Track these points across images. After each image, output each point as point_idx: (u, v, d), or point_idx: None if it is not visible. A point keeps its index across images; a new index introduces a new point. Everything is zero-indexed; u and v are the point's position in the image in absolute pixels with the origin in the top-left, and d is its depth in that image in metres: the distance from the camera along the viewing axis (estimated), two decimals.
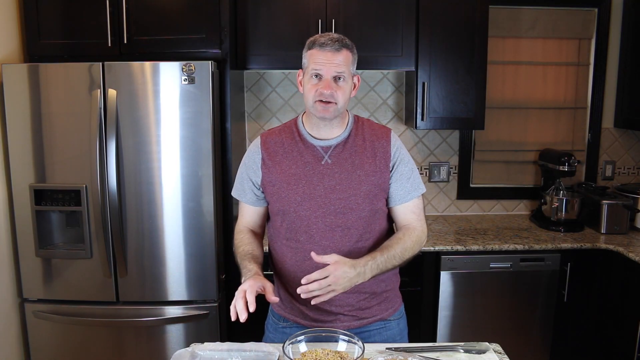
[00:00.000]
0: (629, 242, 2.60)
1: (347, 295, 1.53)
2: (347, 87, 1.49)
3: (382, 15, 2.61)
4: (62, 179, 2.30)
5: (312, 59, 1.47)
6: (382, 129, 1.60)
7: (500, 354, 1.44)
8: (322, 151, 1.53)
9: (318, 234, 1.51)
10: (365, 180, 1.51)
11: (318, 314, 1.56)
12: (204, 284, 2.36)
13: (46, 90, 2.25)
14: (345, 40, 1.48)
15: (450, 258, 2.55)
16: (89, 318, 2.37)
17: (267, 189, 1.56)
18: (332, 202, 1.50)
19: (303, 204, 1.50)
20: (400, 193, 1.55)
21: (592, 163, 3.15)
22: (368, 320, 1.58)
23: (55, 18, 2.40)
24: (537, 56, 3.05)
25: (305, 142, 1.55)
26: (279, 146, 1.57)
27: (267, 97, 3.03)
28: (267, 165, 1.56)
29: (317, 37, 1.49)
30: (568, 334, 2.66)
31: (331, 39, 1.46)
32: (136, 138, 2.26)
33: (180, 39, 2.39)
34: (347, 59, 1.47)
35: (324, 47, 1.45)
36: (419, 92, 2.70)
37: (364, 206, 1.51)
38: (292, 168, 1.53)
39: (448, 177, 3.14)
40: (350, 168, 1.51)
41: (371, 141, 1.55)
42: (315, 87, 1.46)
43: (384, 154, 1.54)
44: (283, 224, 1.55)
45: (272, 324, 1.67)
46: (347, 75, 1.48)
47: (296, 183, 1.51)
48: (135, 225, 2.31)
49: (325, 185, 1.50)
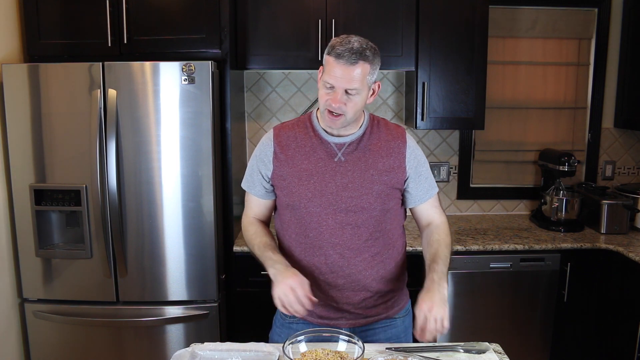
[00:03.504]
0: (629, 242, 2.60)
1: (354, 294, 1.54)
2: (359, 99, 1.43)
3: (382, 15, 2.61)
4: (62, 179, 2.30)
5: (327, 67, 1.42)
6: (398, 128, 1.59)
7: (500, 354, 1.44)
8: (336, 148, 1.52)
9: (328, 231, 1.50)
10: (378, 179, 1.50)
11: (325, 311, 1.56)
12: (204, 284, 2.36)
13: (46, 90, 2.25)
14: (365, 51, 1.39)
15: (450, 258, 2.54)
16: (89, 318, 2.37)
17: (277, 183, 1.55)
18: (343, 200, 1.49)
19: (313, 200, 1.50)
20: (420, 193, 1.58)
21: (592, 163, 3.15)
22: (374, 319, 1.59)
23: (55, 18, 2.40)
24: (537, 56, 3.05)
25: (319, 138, 1.54)
26: (292, 140, 1.55)
27: (267, 97, 3.03)
28: (279, 158, 1.54)
29: (336, 44, 1.41)
30: (568, 334, 2.66)
31: (349, 50, 1.37)
32: (136, 138, 2.26)
33: (180, 39, 2.39)
34: (364, 72, 1.40)
35: (339, 59, 1.38)
36: (419, 92, 2.70)
37: (375, 205, 1.50)
38: (305, 163, 1.52)
39: (448, 177, 3.14)
40: (363, 167, 1.51)
41: (386, 141, 1.54)
42: (326, 97, 1.44)
43: (399, 155, 1.54)
44: (292, 218, 1.55)
45: (279, 319, 1.67)
46: (360, 88, 1.42)
47: (308, 179, 1.50)
48: (135, 225, 2.31)
49: (337, 182, 1.50)
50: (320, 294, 1.54)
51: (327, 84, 1.42)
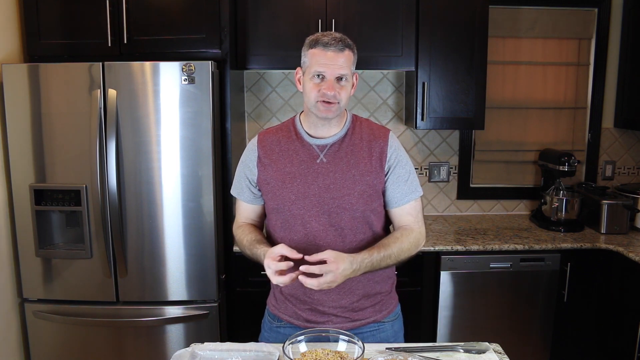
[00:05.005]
0: (629, 242, 2.60)
1: (340, 297, 1.53)
2: (348, 87, 1.49)
3: (382, 15, 2.61)
4: (62, 179, 2.30)
5: (314, 59, 1.45)
6: (381, 129, 1.58)
7: (500, 354, 1.44)
8: (318, 150, 1.53)
9: (312, 233, 1.50)
10: (360, 180, 1.50)
11: (311, 314, 1.56)
12: (204, 284, 2.36)
13: (46, 90, 2.25)
14: (347, 39, 1.47)
15: (450, 258, 2.55)
16: (89, 318, 2.37)
17: (262, 187, 1.57)
18: (326, 201, 1.49)
19: (297, 203, 1.50)
20: (397, 196, 1.54)
21: (592, 163, 3.15)
22: (361, 322, 1.57)
23: (55, 18, 2.40)
24: (537, 56, 3.05)
25: (301, 141, 1.55)
26: (276, 144, 1.56)
27: (267, 97, 3.03)
28: (263, 163, 1.56)
29: (319, 37, 1.46)
30: (568, 334, 2.66)
31: (334, 39, 1.44)
32: (136, 138, 2.26)
33: (180, 39, 2.39)
34: (349, 59, 1.46)
35: (327, 48, 1.43)
36: (419, 92, 2.70)
37: (357, 206, 1.50)
38: (288, 166, 1.53)
39: (448, 177, 3.14)
40: (345, 167, 1.50)
41: (368, 141, 1.54)
42: (318, 88, 1.45)
43: (380, 155, 1.53)
44: (278, 222, 1.56)
45: (267, 323, 1.68)
46: (349, 75, 1.47)
47: (291, 181, 1.51)
48: (135, 225, 2.31)
49: (320, 184, 1.50)
50: (306, 297, 1.54)
51: (317, 74, 1.45)
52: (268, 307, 1.69)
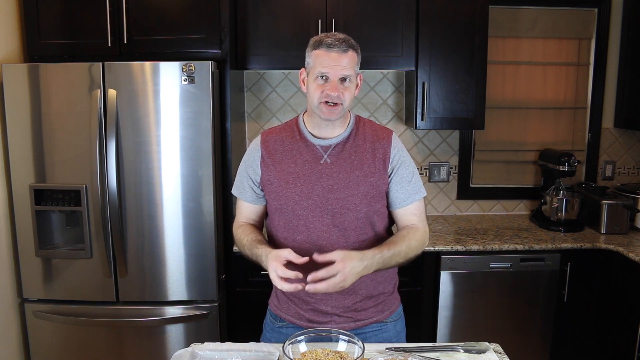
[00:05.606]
0: (629, 242, 2.60)
1: (343, 297, 1.53)
2: (352, 88, 1.49)
3: (382, 15, 2.61)
4: (62, 179, 2.30)
5: (318, 59, 1.45)
6: (384, 130, 1.59)
7: (500, 354, 1.44)
8: (322, 150, 1.53)
9: (315, 234, 1.50)
10: (364, 181, 1.50)
11: (313, 314, 1.55)
12: (204, 284, 2.36)
13: (46, 90, 2.25)
14: (350, 40, 1.47)
15: (450, 258, 2.55)
16: (89, 318, 2.37)
17: (265, 187, 1.56)
18: (330, 202, 1.49)
19: (301, 203, 1.50)
20: (401, 196, 1.54)
21: (592, 163, 3.15)
22: (364, 322, 1.57)
23: (55, 18, 2.40)
24: (537, 56, 3.05)
25: (305, 141, 1.55)
26: (279, 145, 1.56)
27: (267, 97, 3.03)
28: (266, 163, 1.55)
29: (323, 37, 1.46)
30: (568, 334, 2.66)
31: (338, 40, 1.44)
32: (136, 138, 2.26)
33: (180, 39, 2.39)
34: (353, 60, 1.46)
35: (331, 48, 1.43)
36: (419, 92, 2.70)
37: (361, 207, 1.50)
38: (291, 167, 1.53)
39: (448, 177, 3.14)
40: (348, 168, 1.51)
41: (372, 142, 1.54)
42: (322, 89, 1.45)
43: (384, 156, 1.53)
44: (280, 222, 1.55)
45: (269, 324, 1.67)
46: (353, 76, 1.47)
47: (294, 182, 1.51)
48: (135, 225, 2.31)
49: (324, 184, 1.50)
50: (308, 298, 1.54)
51: (320, 75, 1.45)
52: (270, 308, 1.68)
